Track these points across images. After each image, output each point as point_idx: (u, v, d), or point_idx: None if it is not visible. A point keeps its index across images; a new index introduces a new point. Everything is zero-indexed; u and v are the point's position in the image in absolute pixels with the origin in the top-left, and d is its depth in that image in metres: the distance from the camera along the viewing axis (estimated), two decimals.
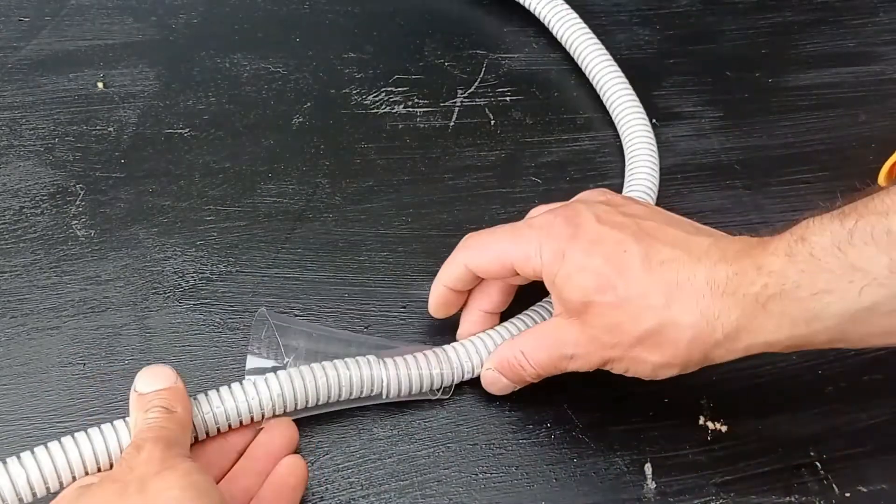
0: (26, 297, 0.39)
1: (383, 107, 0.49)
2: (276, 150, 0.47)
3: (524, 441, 0.37)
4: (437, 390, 0.37)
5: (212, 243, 0.42)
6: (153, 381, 0.33)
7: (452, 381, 0.37)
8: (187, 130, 0.47)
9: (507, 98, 0.51)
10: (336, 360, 0.35)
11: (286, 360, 0.35)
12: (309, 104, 0.49)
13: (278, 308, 0.40)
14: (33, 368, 0.37)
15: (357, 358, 0.35)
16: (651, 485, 0.36)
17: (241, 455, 0.34)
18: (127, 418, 0.33)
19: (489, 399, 0.38)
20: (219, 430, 0.34)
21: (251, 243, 0.43)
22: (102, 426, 0.32)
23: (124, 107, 0.48)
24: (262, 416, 0.34)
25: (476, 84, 0.51)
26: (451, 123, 0.49)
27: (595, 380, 0.39)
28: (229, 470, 0.34)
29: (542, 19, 0.52)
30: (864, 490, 0.37)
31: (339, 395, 0.35)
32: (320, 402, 0.35)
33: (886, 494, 0.36)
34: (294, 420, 0.35)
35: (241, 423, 0.34)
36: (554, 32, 0.52)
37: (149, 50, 0.51)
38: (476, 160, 0.47)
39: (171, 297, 0.40)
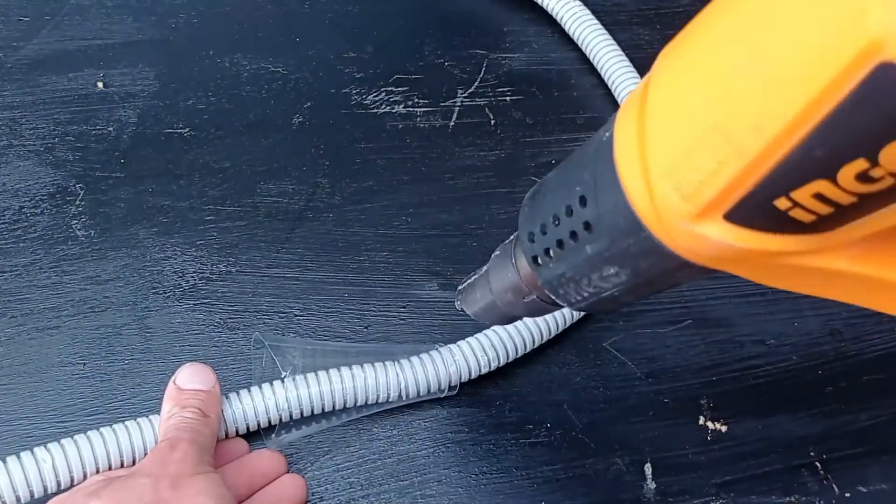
0: (26, 296, 0.39)
1: (383, 106, 0.49)
2: (276, 150, 0.47)
3: (524, 441, 0.37)
4: (445, 388, 0.37)
5: (212, 243, 0.42)
6: (194, 380, 0.33)
7: (461, 378, 0.37)
8: (187, 130, 0.47)
9: (508, 98, 0.51)
10: (353, 366, 0.35)
11: (284, 374, 0.35)
12: (309, 104, 0.49)
13: (278, 308, 0.40)
14: (33, 368, 0.37)
15: (374, 363, 0.36)
16: (651, 485, 0.36)
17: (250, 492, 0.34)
18: (151, 416, 0.33)
19: (489, 399, 0.38)
20: (237, 430, 0.35)
21: (251, 243, 0.42)
22: (128, 423, 0.33)
23: (124, 106, 0.48)
24: (280, 420, 0.35)
25: (476, 84, 0.51)
26: (451, 123, 0.49)
27: (595, 380, 0.39)
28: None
29: (555, 16, 0.53)
30: (865, 490, 0.37)
31: (356, 401, 0.35)
32: (337, 408, 0.35)
33: (887, 495, 0.36)
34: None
35: (258, 424, 0.34)
36: (567, 29, 0.52)
37: (148, 49, 0.51)
38: (476, 160, 0.47)
39: (171, 296, 0.40)
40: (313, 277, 0.42)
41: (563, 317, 0.38)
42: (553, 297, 0.26)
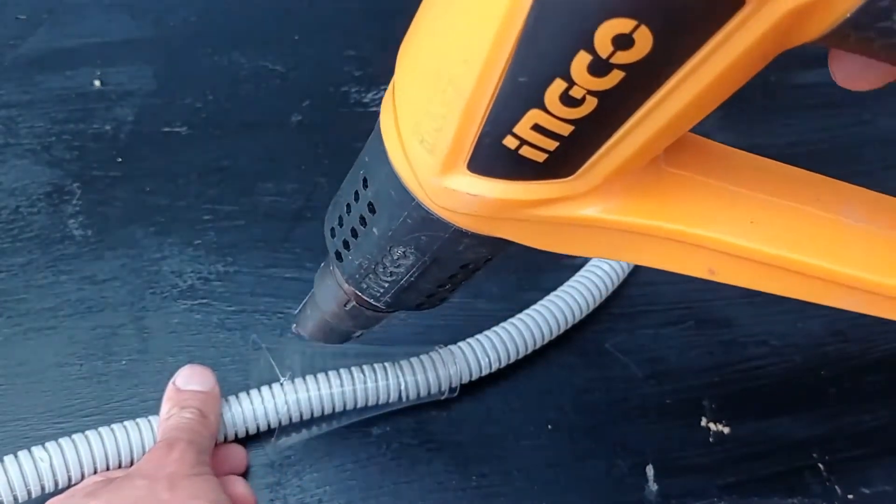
0: (23, 296, 0.39)
1: None
2: (275, 149, 0.46)
3: (525, 443, 0.37)
4: (446, 390, 0.36)
5: (209, 243, 0.42)
6: (193, 381, 0.33)
7: (462, 380, 0.36)
8: (185, 129, 0.47)
9: None
10: (352, 368, 0.35)
11: (282, 379, 0.35)
12: (307, 102, 0.49)
13: (276, 308, 0.40)
14: (30, 369, 0.37)
15: (375, 365, 0.35)
16: (653, 487, 0.36)
17: None
18: (150, 417, 0.33)
19: (490, 401, 0.38)
20: (236, 434, 0.34)
21: (249, 243, 0.42)
22: (127, 423, 0.33)
23: (121, 105, 0.47)
24: (280, 424, 0.34)
25: None
26: None
27: (597, 381, 0.39)
28: None
29: None
30: (867, 492, 0.36)
31: (356, 404, 0.35)
32: (337, 411, 0.35)
33: (889, 496, 0.36)
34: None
35: (258, 428, 0.34)
36: None
37: (146, 47, 0.50)
38: None
39: (169, 296, 0.40)
40: (312, 277, 0.41)
41: (565, 317, 0.38)
42: (360, 295, 0.27)
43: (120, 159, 0.45)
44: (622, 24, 0.14)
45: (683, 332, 0.41)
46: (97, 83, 0.48)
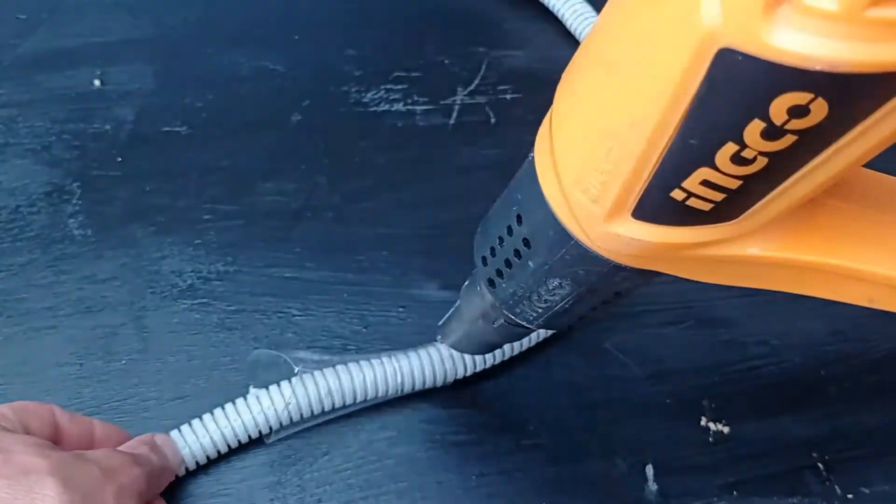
0: (23, 296, 0.39)
1: (382, 105, 0.49)
2: (275, 149, 0.46)
3: (525, 443, 0.37)
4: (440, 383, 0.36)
5: (209, 242, 0.42)
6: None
7: (457, 374, 0.36)
8: (185, 128, 0.47)
9: (508, 96, 0.50)
10: (350, 364, 0.35)
11: (296, 369, 0.35)
12: (307, 102, 0.49)
13: (276, 308, 0.40)
14: (30, 368, 0.37)
15: (371, 360, 0.35)
16: (653, 487, 0.36)
17: None
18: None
19: (489, 400, 0.38)
20: (229, 446, 0.34)
21: (249, 242, 0.42)
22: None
23: (121, 105, 0.47)
24: (270, 429, 0.34)
25: (476, 81, 0.51)
26: (451, 122, 0.49)
27: (596, 381, 0.39)
28: None
29: (557, 14, 0.53)
30: (867, 492, 0.36)
31: (345, 402, 0.35)
32: (326, 411, 0.35)
33: (889, 496, 0.36)
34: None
35: (248, 437, 0.34)
36: (568, 26, 0.52)
37: (146, 47, 0.50)
38: (476, 159, 0.47)
39: (169, 296, 0.40)
40: (312, 277, 0.41)
41: None
42: (512, 318, 0.27)
43: (120, 159, 0.45)
44: (799, 97, 0.15)
45: (683, 332, 0.41)
46: (97, 83, 0.48)
